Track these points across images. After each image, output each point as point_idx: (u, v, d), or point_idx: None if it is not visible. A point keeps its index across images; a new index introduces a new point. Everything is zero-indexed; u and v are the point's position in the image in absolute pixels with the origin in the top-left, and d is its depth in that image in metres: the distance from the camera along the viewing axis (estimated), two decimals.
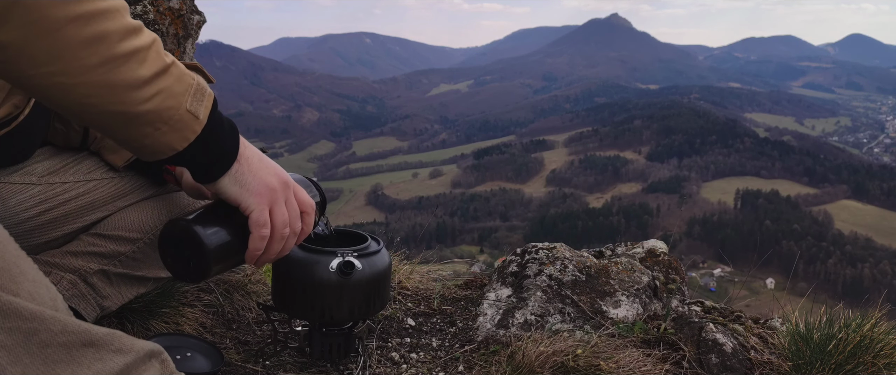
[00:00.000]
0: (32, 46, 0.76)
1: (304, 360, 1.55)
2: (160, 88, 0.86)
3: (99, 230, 1.43)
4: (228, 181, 1.00)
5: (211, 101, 0.95)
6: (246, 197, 1.02)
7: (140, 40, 0.84)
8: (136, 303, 1.54)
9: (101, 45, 0.79)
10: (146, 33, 0.86)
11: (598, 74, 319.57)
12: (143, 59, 0.84)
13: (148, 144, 0.90)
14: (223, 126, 0.97)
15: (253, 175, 1.02)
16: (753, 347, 1.61)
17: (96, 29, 0.78)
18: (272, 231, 1.05)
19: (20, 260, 0.76)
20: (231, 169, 0.99)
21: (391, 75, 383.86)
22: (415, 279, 2.14)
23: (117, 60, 0.81)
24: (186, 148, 0.92)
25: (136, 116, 0.86)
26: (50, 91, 0.80)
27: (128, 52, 0.82)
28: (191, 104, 0.91)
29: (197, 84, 0.93)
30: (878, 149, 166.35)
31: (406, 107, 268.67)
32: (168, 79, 0.88)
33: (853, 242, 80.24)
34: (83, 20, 0.77)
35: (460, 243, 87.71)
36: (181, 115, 0.90)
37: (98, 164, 1.47)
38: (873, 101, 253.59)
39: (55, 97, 0.81)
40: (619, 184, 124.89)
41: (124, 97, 0.83)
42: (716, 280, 43.41)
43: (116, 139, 0.90)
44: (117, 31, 0.81)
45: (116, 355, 0.80)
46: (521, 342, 1.55)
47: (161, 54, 0.87)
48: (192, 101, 0.91)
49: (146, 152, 0.92)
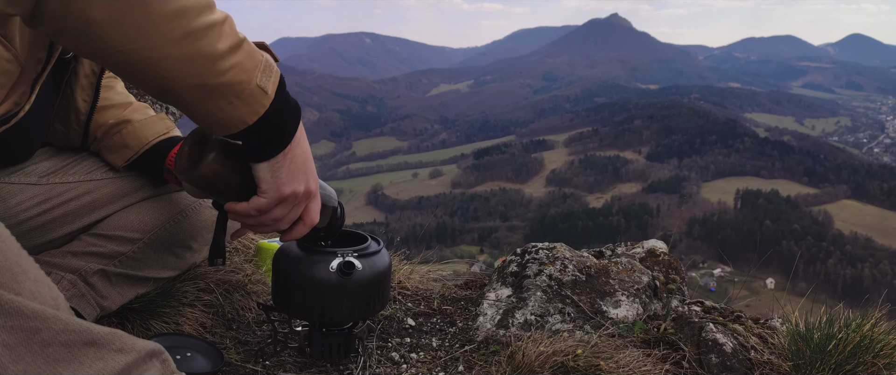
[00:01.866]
0: (120, 22, 0.79)
1: (304, 360, 1.55)
2: (235, 62, 0.89)
3: (99, 230, 1.43)
4: (266, 166, 1.02)
5: (278, 78, 0.97)
6: (268, 184, 1.04)
7: (216, 15, 0.87)
8: (136, 303, 1.54)
9: (183, 18, 0.83)
10: (219, 10, 0.88)
11: (598, 74, 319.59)
12: (220, 33, 0.87)
13: (221, 118, 0.92)
14: (288, 105, 1.00)
15: (288, 172, 1.04)
16: (753, 347, 1.61)
17: (178, 3, 0.82)
18: (258, 217, 1.09)
19: (22, 260, 0.76)
20: (276, 157, 1.01)
21: (391, 75, 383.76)
22: (415, 279, 2.14)
23: (198, 33, 0.84)
24: (255, 122, 0.94)
25: (213, 89, 0.89)
26: (137, 66, 0.83)
27: (206, 26, 0.85)
28: (261, 79, 0.93)
29: (266, 61, 0.95)
30: (878, 149, 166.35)
31: (406, 107, 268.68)
32: (241, 53, 0.90)
33: (853, 242, 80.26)
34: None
35: (460, 243, 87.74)
36: (252, 90, 0.92)
37: (98, 164, 1.47)
38: (873, 101, 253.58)
39: (141, 72, 0.84)
40: (619, 183, 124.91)
41: (203, 69, 0.86)
42: (716, 280, 43.43)
43: (192, 113, 0.93)
44: (196, 6, 0.84)
45: (118, 354, 0.81)
46: (521, 342, 1.55)
47: (234, 29, 0.90)
48: (262, 77, 0.93)
49: (219, 126, 0.94)
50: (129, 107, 1.51)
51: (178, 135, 1.53)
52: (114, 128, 1.47)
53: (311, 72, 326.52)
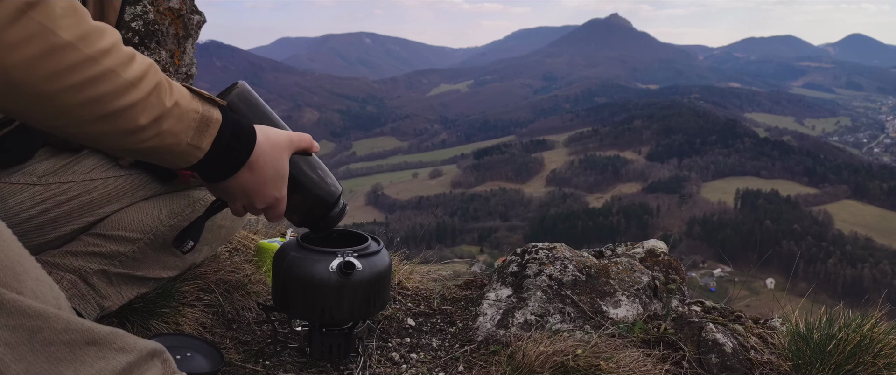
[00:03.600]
0: (34, 111, 0.81)
1: (304, 360, 1.55)
2: (160, 130, 0.92)
3: (99, 230, 1.43)
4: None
5: (216, 129, 1.00)
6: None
7: (138, 93, 0.87)
8: (136, 303, 1.54)
9: (96, 105, 0.84)
10: (147, 81, 0.89)
11: (598, 74, 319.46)
12: (143, 108, 0.88)
13: (156, 163, 1.00)
14: (233, 143, 1.04)
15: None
16: (753, 347, 1.61)
17: (88, 94, 0.83)
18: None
19: (23, 259, 0.77)
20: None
21: (391, 75, 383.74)
22: (415, 279, 2.14)
23: (113, 115, 0.86)
24: (191, 165, 1.02)
25: (140, 152, 0.93)
26: (61, 133, 0.87)
27: (124, 107, 0.86)
28: (193, 138, 0.97)
29: (201, 117, 0.98)
30: (878, 149, 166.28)
31: (406, 107, 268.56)
32: (168, 121, 0.92)
33: (853, 242, 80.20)
34: (75, 89, 0.81)
35: (460, 243, 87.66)
36: (182, 149, 0.96)
37: (97, 164, 1.47)
38: (873, 101, 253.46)
39: (67, 137, 0.89)
40: (619, 183, 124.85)
41: (125, 141, 0.90)
42: (716, 280, 43.36)
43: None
44: (110, 93, 0.85)
45: (119, 353, 0.81)
46: (521, 342, 1.55)
47: (162, 99, 0.91)
48: (195, 136, 0.97)
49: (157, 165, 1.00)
50: None
51: None
52: None
53: (311, 72, 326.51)
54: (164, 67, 2.39)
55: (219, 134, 1.01)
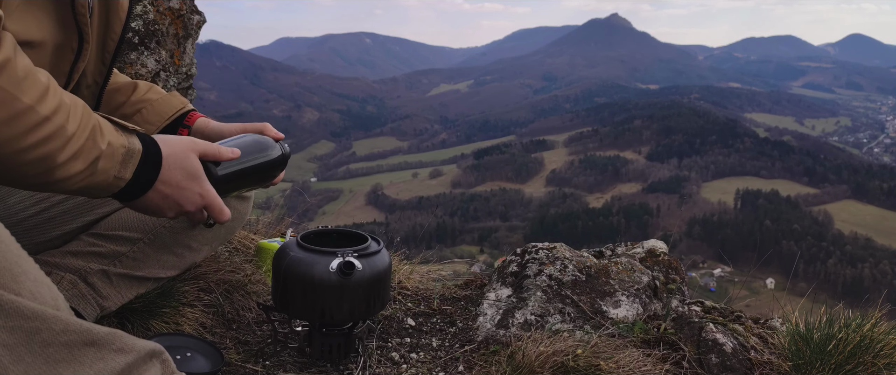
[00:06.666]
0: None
1: (304, 360, 1.55)
2: (94, 171, 0.96)
3: (99, 230, 1.43)
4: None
5: (138, 159, 1.03)
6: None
7: (78, 142, 0.92)
8: (136, 303, 1.54)
9: (45, 161, 0.89)
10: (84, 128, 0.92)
11: (598, 74, 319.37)
12: (80, 155, 0.92)
13: (81, 196, 1.05)
14: (141, 175, 1.05)
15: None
16: (753, 347, 1.61)
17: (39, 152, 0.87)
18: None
19: (22, 260, 0.77)
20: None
21: (391, 75, 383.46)
22: (415, 279, 2.14)
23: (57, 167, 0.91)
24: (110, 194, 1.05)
25: (69, 191, 0.97)
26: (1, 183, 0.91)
27: (68, 159, 0.91)
28: (119, 171, 1.00)
29: (126, 151, 1.01)
30: (878, 149, 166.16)
31: (406, 107, 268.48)
32: (102, 161, 0.97)
33: (853, 242, 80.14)
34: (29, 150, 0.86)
35: (460, 243, 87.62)
36: (109, 182, 1.00)
37: None
38: (873, 101, 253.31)
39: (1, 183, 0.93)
40: (619, 184, 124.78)
41: (60, 186, 0.94)
42: (716, 280, 43.33)
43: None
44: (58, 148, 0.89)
45: (118, 354, 0.82)
46: (521, 342, 1.55)
47: (97, 143, 0.95)
48: (120, 169, 1.00)
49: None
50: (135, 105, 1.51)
51: (191, 108, 1.53)
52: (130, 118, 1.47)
53: (311, 72, 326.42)
54: (164, 67, 2.39)
55: (140, 162, 1.03)
